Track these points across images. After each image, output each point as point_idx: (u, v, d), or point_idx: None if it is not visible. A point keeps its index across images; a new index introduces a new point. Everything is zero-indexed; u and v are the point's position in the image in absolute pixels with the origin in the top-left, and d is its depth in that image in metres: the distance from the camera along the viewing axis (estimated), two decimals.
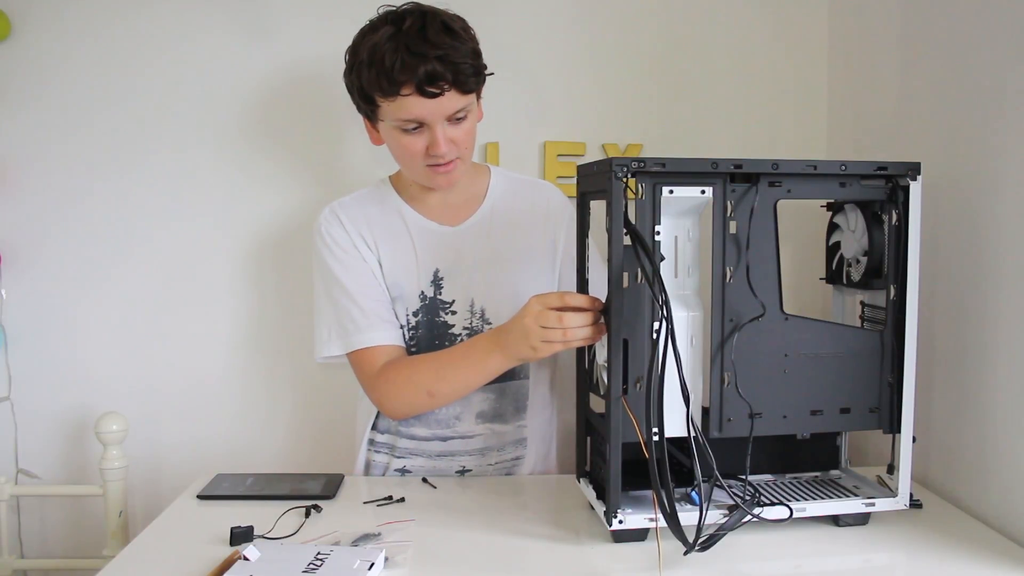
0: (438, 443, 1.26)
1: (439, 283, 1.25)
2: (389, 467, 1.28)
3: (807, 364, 0.99)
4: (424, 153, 1.16)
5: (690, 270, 0.98)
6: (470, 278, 1.25)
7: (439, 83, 1.10)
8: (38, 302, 1.50)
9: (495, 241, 1.27)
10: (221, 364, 1.54)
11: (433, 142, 1.14)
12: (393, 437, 1.28)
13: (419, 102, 1.10)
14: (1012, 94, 1.02)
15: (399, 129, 1.15)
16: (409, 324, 1.24)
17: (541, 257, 1.29)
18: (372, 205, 1.27)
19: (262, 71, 1.49)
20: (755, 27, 1.54)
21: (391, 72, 1.08)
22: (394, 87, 1.10)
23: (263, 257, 1.53)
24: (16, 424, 1.51)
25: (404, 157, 1.20)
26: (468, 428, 1.26)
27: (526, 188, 1.34)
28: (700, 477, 0.91)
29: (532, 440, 1.29)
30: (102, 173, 1.49)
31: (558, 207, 1.32)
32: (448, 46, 1.10)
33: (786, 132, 1.56)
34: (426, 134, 1.14)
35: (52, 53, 1.46)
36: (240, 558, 0.89)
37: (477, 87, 1.17)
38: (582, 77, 1.53)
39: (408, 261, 1.24)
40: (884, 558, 0.96)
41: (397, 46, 1.08)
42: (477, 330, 1.25)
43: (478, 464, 1.27)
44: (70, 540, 1.55)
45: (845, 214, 1.11)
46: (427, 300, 1.24)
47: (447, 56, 1.09)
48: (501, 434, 1.27)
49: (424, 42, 1.09)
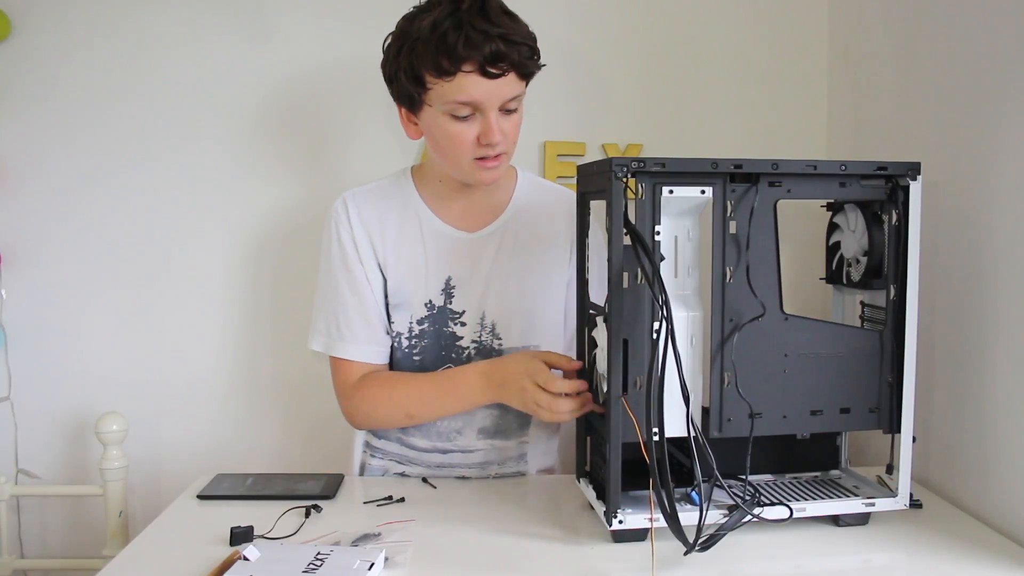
0: (438, 455, 1.24)
1: (450, 292, 1.21)
2: (387, 472, 1.27)
3: (807, 364, 0.99)
4: (474, 143, 1.10)
5: (690, 270, 0.98)
6: (484, 289, 1.21)
7: (501, 64, 1.05)
8: (38, 302, 1.50)
9: (512, 252, 1.22)
10: (221, 364, 1.54)
11: (487, 129, 1.08)
12: (393, 444, 1.26)
13: (478, 82, 1.05)
14: (1012, 94, 1.02)
15: (449, 115, 1.09)
16: (412, 332, 1.21)
17: (556, 270, 1.25)
18: (387, 201, 1.22)
19: (262, 71, 1.49)
20: (755, 27, 1.54)
21: (454, 48, 1.03)
22: (455, 63, 1.04)
23: (263, 257, 1.53)
24: (16, 424, 1.51)
25: (452, 148, 1.12)
26: (469, 443, 1.24)
27: (550, 196, 1.28)
28: (700, 477, 0.91)
29: (533, 455, 1.27)
30: (102, 173, 1.49)
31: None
32: (510, 27, 1.06)
33: (786, 132, 1.56)
34: (477, 122, 1.09)
35: (52, 53, 1.46)
36: (240, 558, 0.89)
37: (534, 72, 1.12)
38: (582, 77, 1.53)
39: (417, 267, 1.21)
40: (884, 558, 0.96)
41: (460, 23, 1.03)
42: (487, 345, 1.21)
43: (478, 475, 1.25)
44: (70, 540, 1.55)
45: (845, 214, 1.11)
46: (435, 309, 1.21)
47: (509, 36, 1.05)
48: (502, 449, 1.25)
49: (487, 20, 1.04)
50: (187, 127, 1.50)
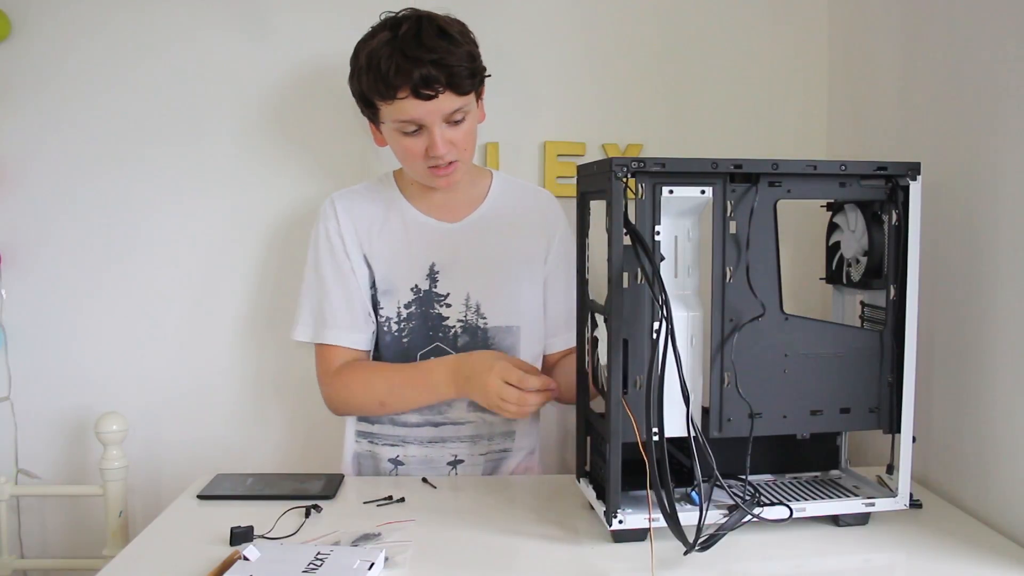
0: (430, 428, 1.28)
1: (435, 276, 1.27)
2: (382, 458, 1.30)
3: (807, 364, 0.99)
4: (424, 155, 1.19)
5: (690, 270, 0.98)
6: (467, 272, 1.28)
7: (434, 85, 1.13)
8: (38, 302, 1.50)
9: (493, 240, 1.30)
10: (221, 364, 1.54)
11: (431, 144, 1.17)
12: (386, 425, 1.30)
13: (416, 104, 1.14)
14: (1012, 94, 1.02)
15: (399, 131, 1.18)
16: (400, 316, 1.27)
17: (534, 261, 1.32)
18: (371, 200, 1.31)
19: (261, 69, 1.49)
20: (755, 27, 1.54)
21: (387, 76, 1.12)
22: (391, 91, 1.13)
23: (263, 257, 1.53)
24: (16, 424, 1.51)
25: (405, 158, 1.23)
26: (460, 415, 1.29)
27: (526, 193, 1.38)
28: (700, 477, 0.91)
29: (520, 434, 1.33)
30: (102, 173, 1.49)
31: (553, 217, 1.35)
32: (443, 50, 1.13)
33: (786, 132, 1.56)
34: (425, 136, 1.18)
35: (52, 53, 1.46)
36: (240, 558, 0.89)
37: (473, 89, 1.19)
38: (582, 77, 1.53)
39: (401, 256, 1.28)
40: (884, 558, 0.96)
41: (393, 51, 1.12)
42: (472, 324, 1.27)
43: (469, 453, 1.29)
44: (70, 540, 1.55)
45: (845, 214, 1.11)
46: (421, 293, 1.27)
47: (442, 60, 1.13)
48: (491, 423, 1.30)
49: (419, 47, 1.12)
50: (188, 126, 1.49)
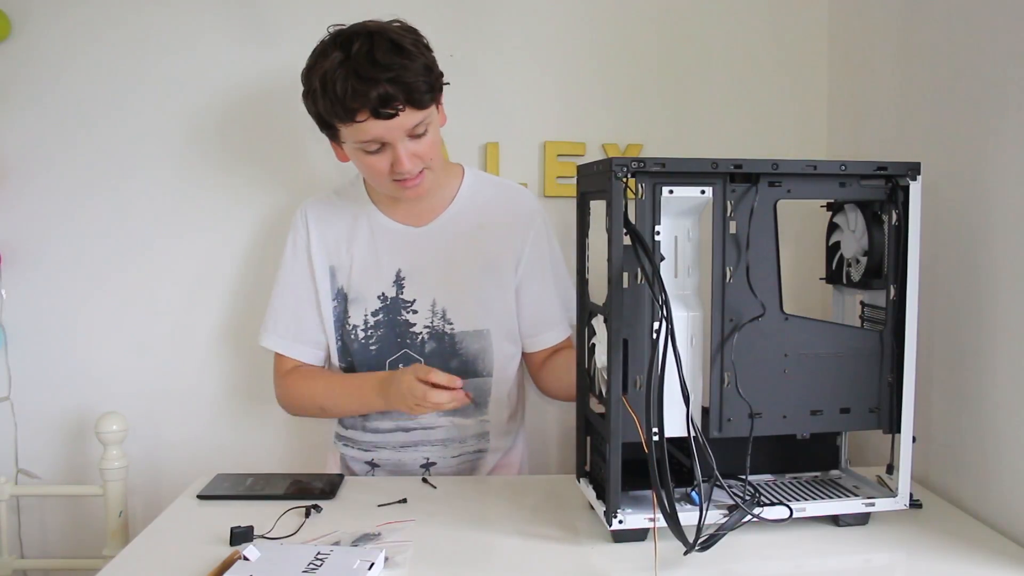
0: (401, 434, 1.29)
1: (400, 283, 1.26)
2: (359, 460, 1.32)
3: (807, 364, 0.99)
4: (390, 170, 1.15)
5: (690, 270, 0.98)
6: (433, 277, 1.26)
7: (393, 104, 1.09)
8: (38, 302, 1.50)
9: (459, 243, 1.27)
10: (222, 364, 1.54)
11: (396, 160, 1.14)
12: (358, 432, 1.31)
13: (375, 124, 1.10)
14: (1012, 94, 1.02)
15: (362, 151, 1.15)
16: (367, 324, 1.27)
17: (504, 263, 1.28)
18: (342, 207, 1.30)
19: (262, 73, 1.49)
20: (755, 27, 1.54)
21: (344, 99, 1.08)
22: (349, 114, 1.09)
23: (263, 257, 1.52)
24: (16, 424, 1.51)
25: (371, 176, 1.20)
26: (430, 420, 1.28)
27: (498, 192, 1.32)
28: (700, 477, 0.91)
29: (495, 435, 1.31)
30: (102, 173, 1.49)
31: (527, 215, 1.30)
32: (399, 66, 1.08)
33: (786, 132, 1.56)
34: (389, 152, 1.14)
35: (52, 54, 1.46)
36: (240, 558, 0.89)
37: (433, 101, 1.15)
38: (582, 77, 1.53)
39: (369, 264, 1.27)
40: (884, 558, 0.96)
41: (347, 73, 1.07)
42: (438, 330, 1.26)
43: (441, 456, 1.29)
44: (70, 540, 1.55)
45: (845, 214, 1.11)
46: (387, 300, 1.26)
47: (398, 77, 1.08)
48: (463, 427, 1.29)
49: (374, 65, 1.07)
50: (186, 128, 1.49)
